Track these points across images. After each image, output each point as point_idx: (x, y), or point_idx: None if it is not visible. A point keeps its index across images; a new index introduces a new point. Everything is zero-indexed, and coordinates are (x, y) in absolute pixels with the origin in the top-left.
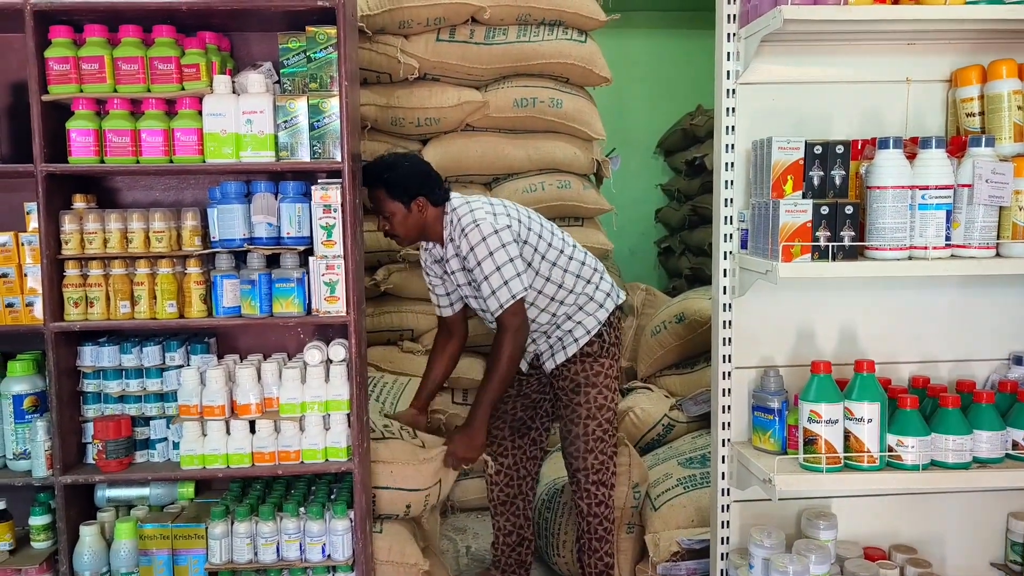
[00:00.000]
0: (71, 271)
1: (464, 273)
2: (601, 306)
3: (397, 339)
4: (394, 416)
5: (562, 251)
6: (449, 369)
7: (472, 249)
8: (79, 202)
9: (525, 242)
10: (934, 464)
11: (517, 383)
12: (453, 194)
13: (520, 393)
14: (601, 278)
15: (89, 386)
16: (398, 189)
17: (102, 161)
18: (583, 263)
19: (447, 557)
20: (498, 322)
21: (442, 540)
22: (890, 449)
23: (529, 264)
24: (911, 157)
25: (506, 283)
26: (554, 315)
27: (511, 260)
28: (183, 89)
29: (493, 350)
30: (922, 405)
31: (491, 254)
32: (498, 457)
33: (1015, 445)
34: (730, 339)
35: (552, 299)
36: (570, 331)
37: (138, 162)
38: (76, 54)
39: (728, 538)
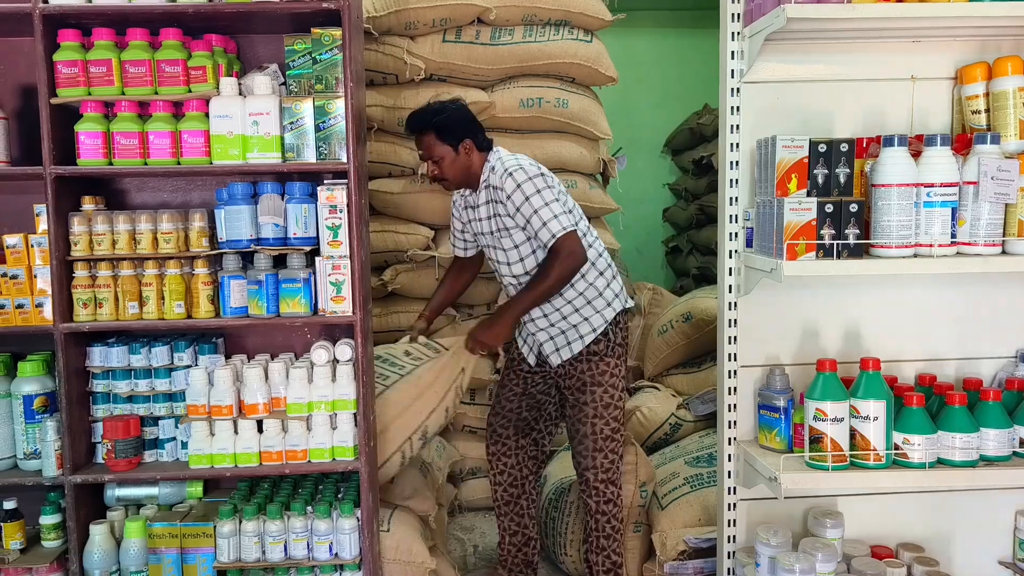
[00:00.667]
0: (80, 272)
1: (494, 220)
2: (609, 304)
3: None
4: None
5: (585, 235)
6: (458, 292)
7: (519, 186)
8: (88, 204)
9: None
10: (941, 462)
11: (523, 381)
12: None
13: (525, 392)
14: (614, 277)
15: (98, 386)
16: (447, 131)
17: (110, 163)
18: (600, 254)
19: (454, 556)
20: (552, 247)
21: (449, 539)
22: (896, 447)
23: None
24: (916, 155)
25: (556, 216)
26: (567, 300)
27: (557, 199)
28: (190, 91)
29: (541, 267)
30: (928, 403)
31: (539, 191)
32: (501, 457)
33: (1022, 443)
34: (736, 338)
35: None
36: (575, 326)
37: (146, 164)
38: (84, 57)
39: (735, 536)
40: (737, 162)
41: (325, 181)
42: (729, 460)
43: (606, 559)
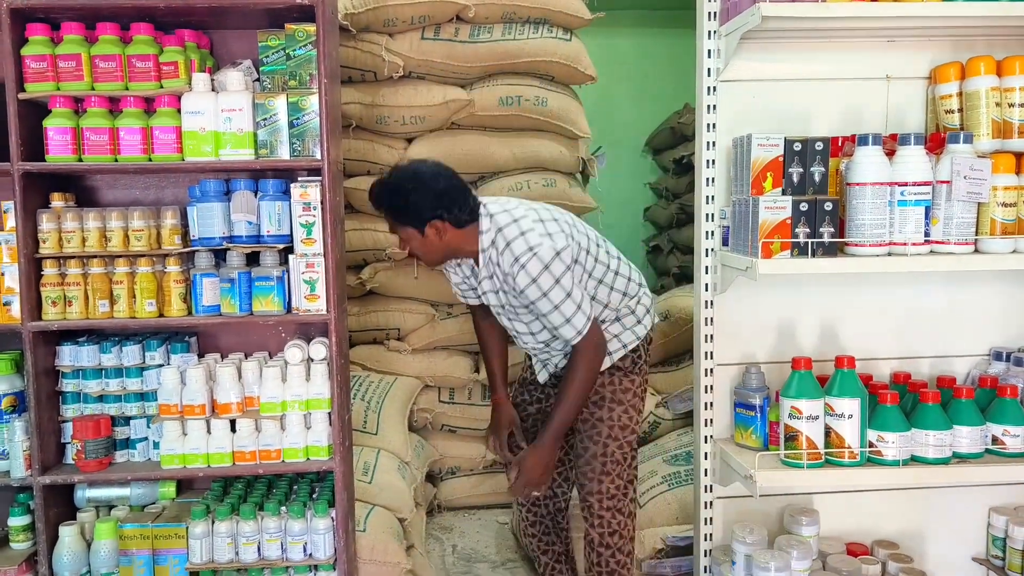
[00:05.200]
0: (49, 270)
1: (501, 295)
2: (640, 322)
3: (383, 338)
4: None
5: (608, 266)
6: (504, 341)
7: (535, 281)
8: (57, 201)
9: (575, 260)
10: (914, 459)
11: (538, 400)
12: (487, 202)
13: (540, 411)
14: (644, 293)
15: (68, 386)
16: (407, 214)
17: (80, 159)
18: (628, 279)
19: (433, 556)
20: (576, 345)
21: (428, 539)
22: (871, 445)
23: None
24: (890, 154)
25: (579, 307)
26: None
27: (576, 284)
28: (161, 87)
29: (569, 370)
30: (902, 401)
31: (558, 281)
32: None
33: (995, 440)
34: (712, 336)
35: (595, 304)
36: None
37: (116, 160)
38: (53, 52)
39: (711, 535)
40: (714, 161)
41: (299, 178)
42: (706, 458)
43: None
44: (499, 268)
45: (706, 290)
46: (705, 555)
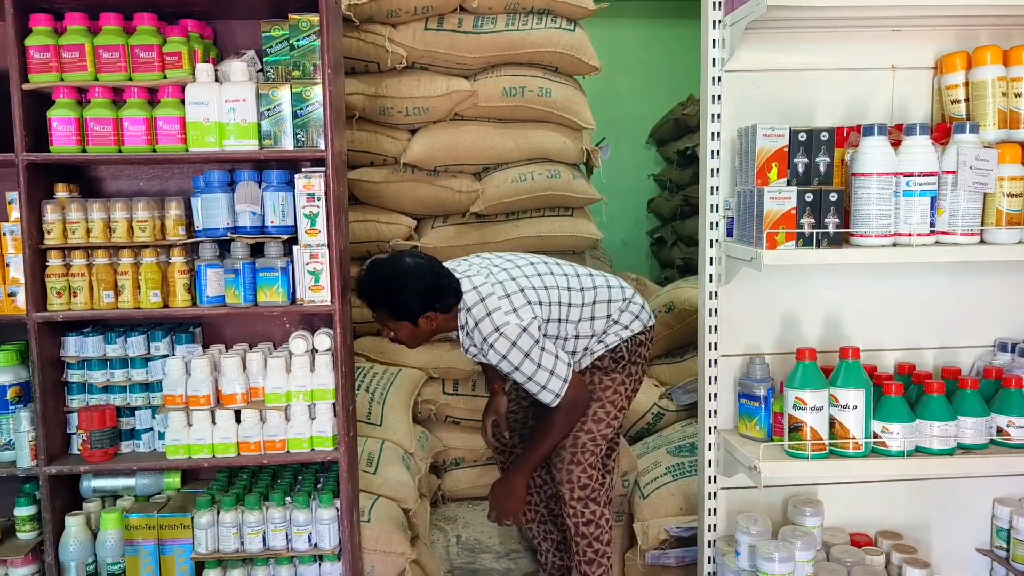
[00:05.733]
0: (54, 261)
1: (481, 356)
2: (627, 327)
3: None
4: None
5: (584, 303)
6: None
7: (505, 357)
8: (61, 192)
9: (547, 320)
10: (919, 450)
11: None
12: (459, 278)
13: (532, 403)
14: (629, 304)
15: (73, 376)
16: (402, 313)
17: (84, 150)
18: (608, 301)
19: (437, 547)
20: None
21: (432, 530)
22: (875, 436)
23: (557, 336)
24: (896, 144)
25: (552, 373)
26: (585, 349)
27: (544, 351)
28: (165, 77)
29: (548, 420)
30: (907, 392)
31: (527, 355)
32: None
33: (999, 431)
34: (716, 327)
35: (584, 343)
36: (588, 348)
37: (120, 151)
38: (57, 42)
39: (715, 525)
40: (718, 151)
41: (303, 169)
42: (710, 449)
43: None
44: (474, 344)
45: (710, 281)
46: (709, 545)
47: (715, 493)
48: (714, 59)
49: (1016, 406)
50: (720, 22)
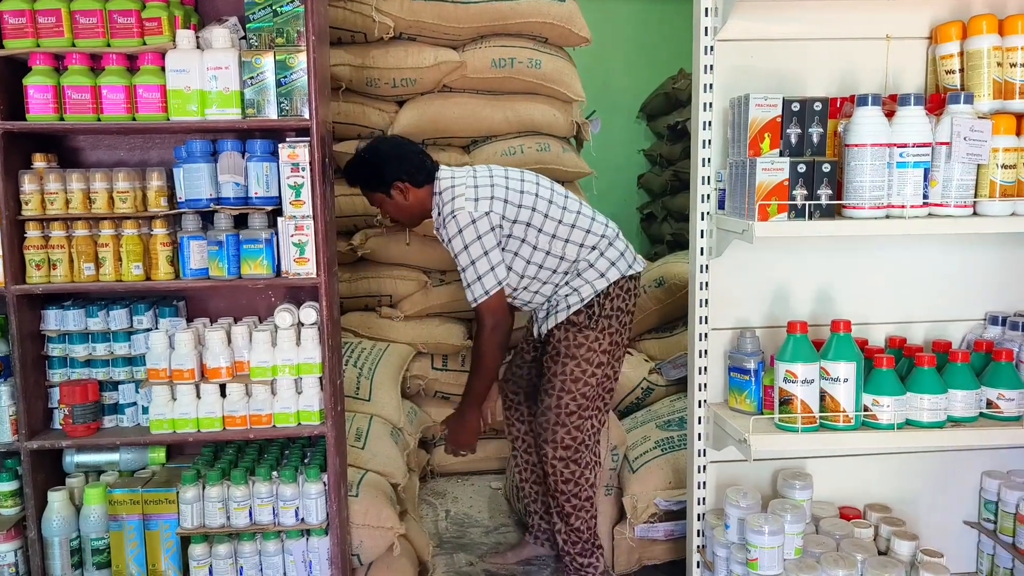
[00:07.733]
0: (32, 232)
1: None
2: (602, 275)
3: (375, 305)
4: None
5: (561, 221)
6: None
7: (450, 241)
8: (39, 161)
9: (515, 221)
10: (909, 423)
11: (533, 349)
12: (442, 168)
13: (534, 359)
14: (609, 245)
15: (54, 350)
16: (373, 181)
17: (62, 119)
18: (588, 231)
19: (426, 521)
20: (476, 316)
21: (421, 505)
22: (865, 409)
23: (523, 240)
24: (890, 115)
25: (480, 278)
26: (556, 285)
27: (486, 253)
28: (144, 44)
29: (474, 345)
30: (898, 365)
31: (466, 247)
32: (515, 423)
33: (989, 404)
34: (707, 300)
35: (554, 271)
36: (566, 296)
37: (99, 120)
38: (32, 7)
39: (704, 499)
40: (710, 122)
41: (287, 139)
42: (699, 423)
43: (564, 541)
44: (437, 227)
45: (701, 254)
46: (698, 519)
47: (704, 467)
48: (706, 28)
49: (1006, 379)
50: None
